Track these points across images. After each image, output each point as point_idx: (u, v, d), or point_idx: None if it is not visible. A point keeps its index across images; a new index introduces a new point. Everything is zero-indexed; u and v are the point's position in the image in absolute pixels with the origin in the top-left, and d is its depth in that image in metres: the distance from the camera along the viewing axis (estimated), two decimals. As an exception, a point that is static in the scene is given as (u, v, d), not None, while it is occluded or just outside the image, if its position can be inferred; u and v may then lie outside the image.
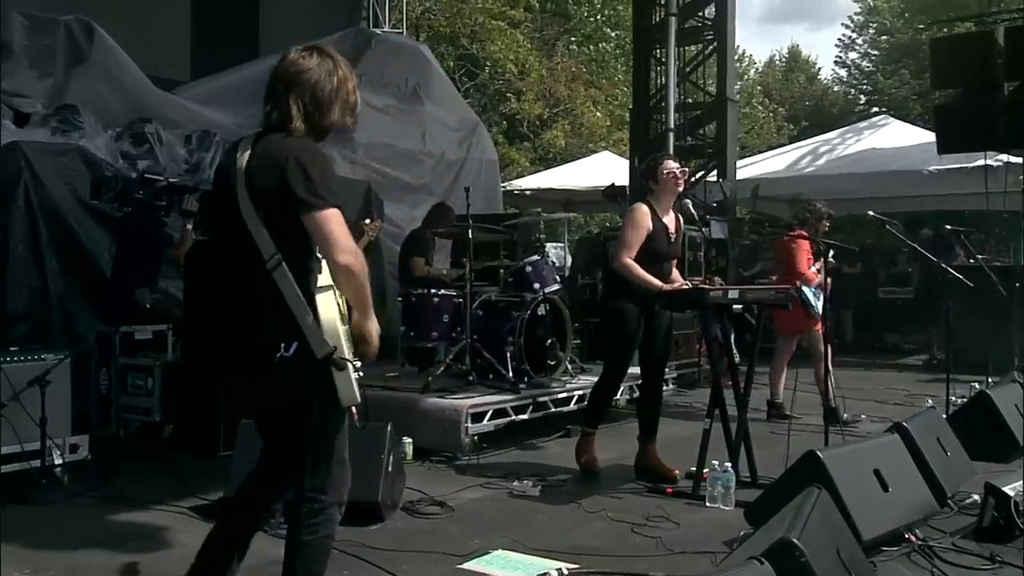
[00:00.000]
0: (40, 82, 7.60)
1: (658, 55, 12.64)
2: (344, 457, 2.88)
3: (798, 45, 45.13)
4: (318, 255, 2.74)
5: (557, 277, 6.95)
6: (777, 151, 15.78)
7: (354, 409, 2.78)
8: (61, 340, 6.30)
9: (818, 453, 3.79)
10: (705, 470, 4.76)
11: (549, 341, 6.69)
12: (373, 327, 2.82)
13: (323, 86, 2.77)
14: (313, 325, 2.64)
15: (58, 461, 4.75)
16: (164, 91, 8.74)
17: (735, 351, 9.31)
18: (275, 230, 2.67)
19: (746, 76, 36.87)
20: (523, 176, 17.81)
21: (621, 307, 5.15)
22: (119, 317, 6.17)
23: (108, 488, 4.81)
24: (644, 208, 5.15)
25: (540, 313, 6.68)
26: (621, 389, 7.11)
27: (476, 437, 5.82)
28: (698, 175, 12.59)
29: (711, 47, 12.65)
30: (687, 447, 5.24)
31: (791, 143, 19.08)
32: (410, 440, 5.71)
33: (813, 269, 7.02)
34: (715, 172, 12.39)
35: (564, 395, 6.48)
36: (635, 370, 7.17)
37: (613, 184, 12.90)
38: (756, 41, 70.01)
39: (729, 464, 4.68)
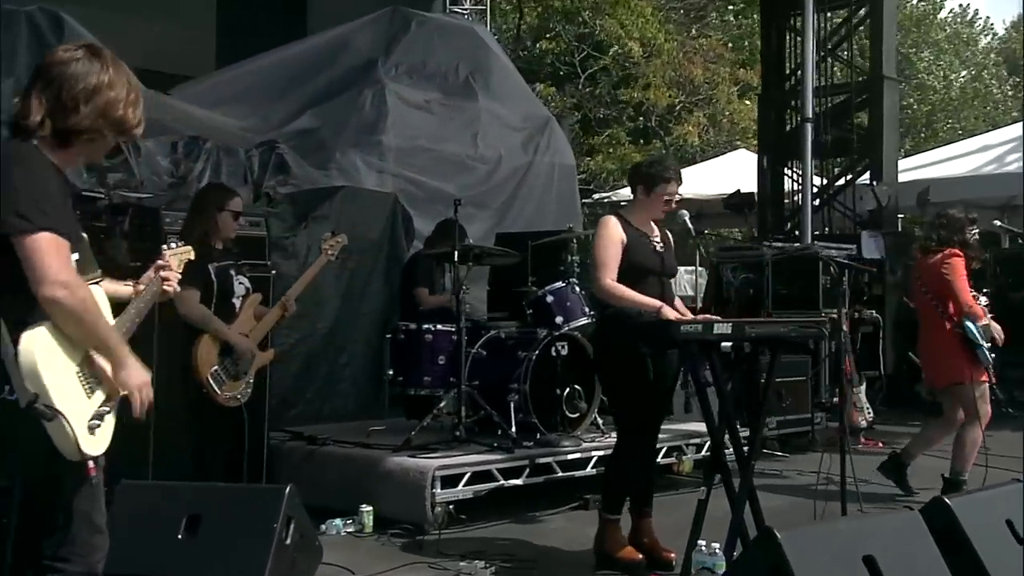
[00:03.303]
0: (-4, 84, 8.22)
1: (794, 24, 12.50)
2: (93, 519, 3.06)
3: (1060, -2, 42.70)
4: None
5: (587, 309, 6.99)
6: (961, 144, 15.19)
7: (91, 464, 2.95)
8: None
9: (775, 531, 3.71)
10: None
11: (567, 390, 6.73)
12: (124, 372, 2.98)
13: (73, 84, 2.93)
14: (13, 366, 2.80)
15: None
16: (156, 90, 9.31)
17: (868, 406, 9.34)
18: None
19: (972, 45, 35.49)
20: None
21: (623, 348, 5.14)
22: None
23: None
24: (612, 220, 5.27)
25: (554, 354, 6.74)
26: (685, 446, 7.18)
27: (451, 506, 5.94)
28: (846, 178, 12.33)
29: (863, 10, 12.40)
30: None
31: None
32: (370, 508, 5.91)
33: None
34: (868, 173, 12.09)
35: (577, 456, 6.50)
36: (692, 426, 7.23)
37: (738, 191, 12.80)
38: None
39: (717, 545, 4.62)
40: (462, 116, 10.72)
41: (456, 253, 6.59)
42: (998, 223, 6.80)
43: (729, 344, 4.64)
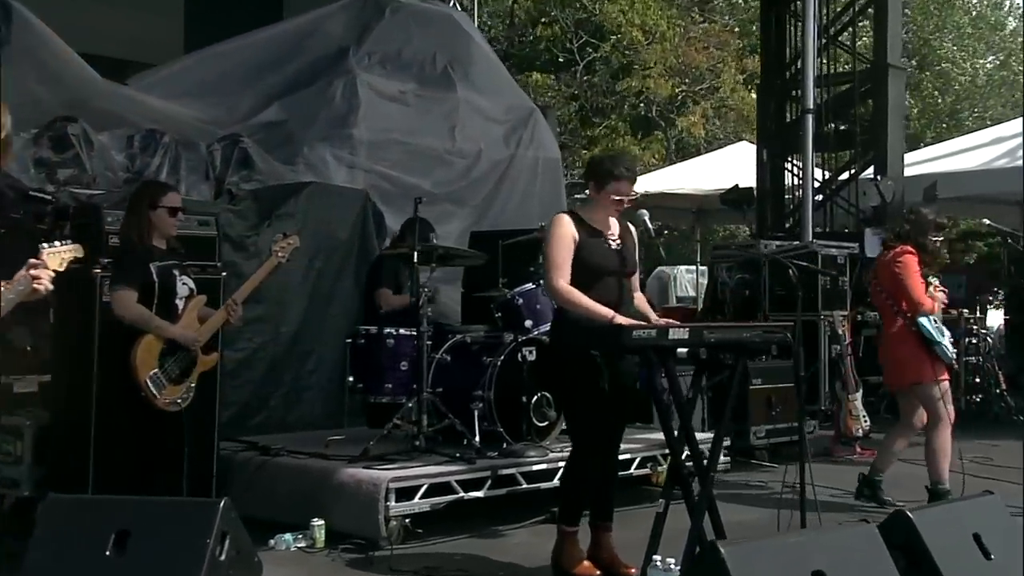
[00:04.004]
0: (-62, 76, 8.29)
1: (795, 9, 12.55)
2: None
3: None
4: None
5: (558, 312, 7.04)
6: (972, 136, 15.20)
7: None
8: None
9: (719, 546, 3.77)
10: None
11: (535, 397, 6.79)
12: None
13: None
14: None
15: None
16: (112, 80, 9.38)
17: (865, 414, 9.36)
18: None
19: (999, 29, 35.42)
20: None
21: (575, 352, 5.20)
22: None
23: None
24: (564, 219, 5.32)
25: (521, 359, 6.80)
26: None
27: (407, 520, 6.00)
28: (849, 172, 12.37)
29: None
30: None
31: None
32: (322, 523, 5.97)
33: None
34: (871, 167, 12.13)
35: (543, 467, 6.56)
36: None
37: (736, 186, 12.89)
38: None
39: (672, 561, 4.68)
40: (439, 108, 10.75)
41: (416, 254, 6.64)
42: (987, 221, 6.85)
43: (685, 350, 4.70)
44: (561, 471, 5.76)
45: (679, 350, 4.84)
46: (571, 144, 21.22)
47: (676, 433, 5.04)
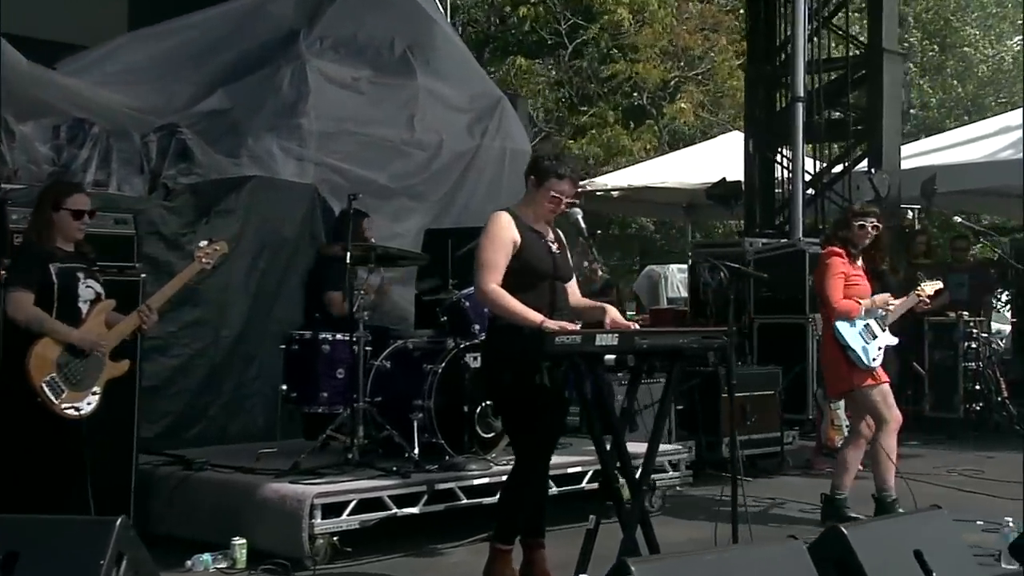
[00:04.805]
0: None
1: (784, -10, 12.62)
2: None
3: None
4: None
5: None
6: (976, 126, 15.26)
7: None
8: None
9: (629, 563, 3.83)
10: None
11: (478, 407, 6.83)
12: None
13: None
14: None
15: None
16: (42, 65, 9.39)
17: (848, 424, 9.41)
18: None
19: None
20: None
21: (512, 363, 5.22)
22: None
23: None
24: (504, 216, 5.35)
25: (463, 366, 6.86)
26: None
27: (335, 538, 6.05)
28: (843, 165, 12.42)
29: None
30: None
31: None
32: (243, 541, 6.02)
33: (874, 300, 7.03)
34: (866, 160, 12.18)
35: (484, 481, 6.61)
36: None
37: (723, 180, 12.95)
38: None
39: (600, 581, 4.73)
40: (397, 96, 10.78)
41: (349, 254, 6.71)
42: (958, 219, 6.93)
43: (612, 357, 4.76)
44: (503, 486, 5.73)
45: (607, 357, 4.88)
46: (557, 133, 21.30)
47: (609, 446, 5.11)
